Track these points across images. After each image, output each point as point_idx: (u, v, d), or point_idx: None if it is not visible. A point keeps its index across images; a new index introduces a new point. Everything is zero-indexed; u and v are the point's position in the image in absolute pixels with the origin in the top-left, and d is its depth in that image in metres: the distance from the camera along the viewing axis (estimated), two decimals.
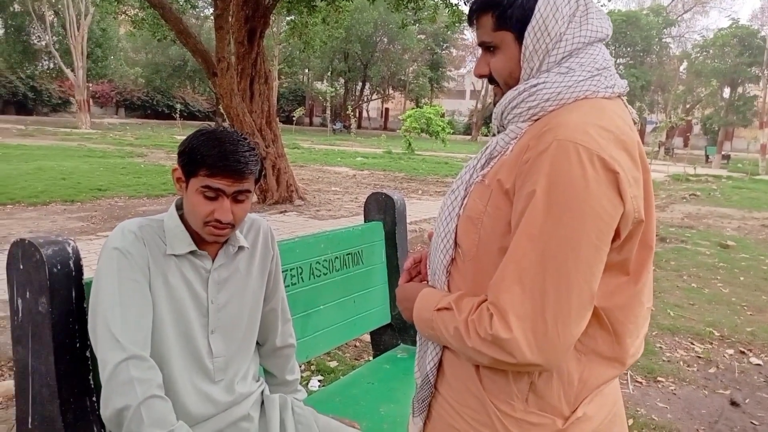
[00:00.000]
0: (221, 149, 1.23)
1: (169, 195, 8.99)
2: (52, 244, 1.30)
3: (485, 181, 0.96)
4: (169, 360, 1.27)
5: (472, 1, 1.01)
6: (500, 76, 1.01)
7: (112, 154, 14.17)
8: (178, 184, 1.30)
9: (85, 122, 25.13)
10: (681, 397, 3.10)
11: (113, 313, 1.19)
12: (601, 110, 0.92)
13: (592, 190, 0.84)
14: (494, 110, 1.05)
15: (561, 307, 0.84)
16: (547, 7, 0.93)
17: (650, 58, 36.85)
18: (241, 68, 8.37)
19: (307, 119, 44.02)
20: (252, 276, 1.44)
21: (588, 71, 0.94)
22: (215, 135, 1.26)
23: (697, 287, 5.28)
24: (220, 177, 1.23)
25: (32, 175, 9.72)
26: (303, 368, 3.08)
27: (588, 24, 0.95)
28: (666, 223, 9.04)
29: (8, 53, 28.39)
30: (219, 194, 1.25)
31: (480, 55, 1.04)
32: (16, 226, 6.26)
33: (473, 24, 1.01)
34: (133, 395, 1.14)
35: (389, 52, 39.18)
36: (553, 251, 0.84)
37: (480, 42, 1.01)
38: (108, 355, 1.17)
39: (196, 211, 1.26)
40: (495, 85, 1.05)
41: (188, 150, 1.26)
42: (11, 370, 2.94)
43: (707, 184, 16.58)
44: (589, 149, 0.84)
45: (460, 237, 0.99)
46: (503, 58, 0.99)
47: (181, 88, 39.58)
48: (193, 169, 1.24)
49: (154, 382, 1.19)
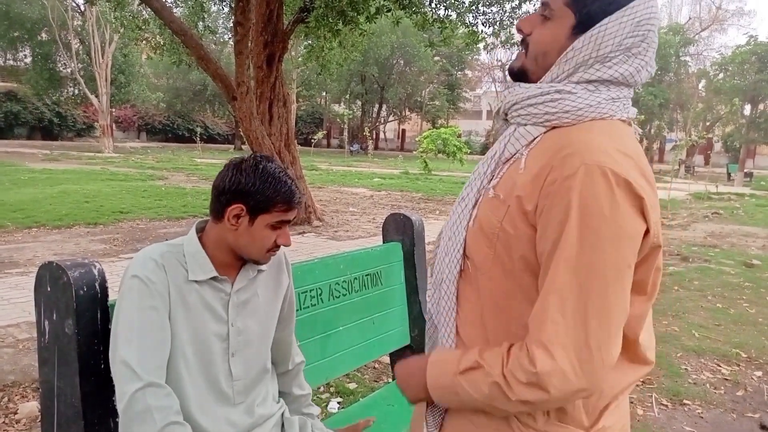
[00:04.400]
0: (289, 186, 1.32)
1: (189, 217, 9.10)
2: (78, 267, 1.32)
3: (500, 195, 0.93)
4: (188, 385, 1.28)
5: None
6: (537, 45, 0.97)
7: (134, 177, 14.43)
8: (234, 220, 1.31)
9: (108, 146, 25.66)
10: (708, 420, 3.02)
11: (129, 342, 1.21)
12: (620, 134, 0.92)
13: (623, 213, 0.84)
14: (502, 97, 1.01)
15: (603, 332, 0.84)
16: (616, 23, 0.90)
17: (668, 76, 36.62)
18: (260, 92, 8.51)
19: (325, 141, 44.40)
20: (269, 299, 1.46)
21: (611, 96, 0.94)
22: (276, 173, 1.31)
23: (723, 307, 5.17)
24: (292, 211, 1.34)
25: (57, 198, 9.92)
26: (322, 390, 3.07)
27: (637, 63, 0.93)
28: (688, 242, 8.90)
29: (35, 80, 29.19)
30: (284, 224, 1.35)
31: (535, 13, 0.99)
32: (41, 248, 6.38)
33: None
34: (152, 423, 1.16)
35: (406, 74, 39.51)
36: (592, 279, 0.84)
37: (544, 1, 0.96)
38: (124, 386, 1.19)
39: (265, 243, 1.34)
40: (523, 49, 1.00)
41: (256, 190, 1.28)
42: (35, 391, 2.98)
43: (730, 202, 16.31)
44: (617, 173, 0.84)
45: (471, 250, 0.97)
46: (551, 33, 0.95)
47: (201, 112, 40.28)
48: (266, 207, 1.30)
49: (172, 408, 1.20)
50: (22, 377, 3.11)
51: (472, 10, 9.64)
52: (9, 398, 2.91)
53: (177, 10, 11.47)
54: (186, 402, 1.27)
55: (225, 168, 1.32)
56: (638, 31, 0.91)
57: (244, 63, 7.85)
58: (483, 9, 9.73)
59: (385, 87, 39.50)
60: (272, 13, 8.35)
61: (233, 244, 1.33)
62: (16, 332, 3.69)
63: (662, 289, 5.76)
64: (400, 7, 9.06)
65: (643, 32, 0.91)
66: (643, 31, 0.91)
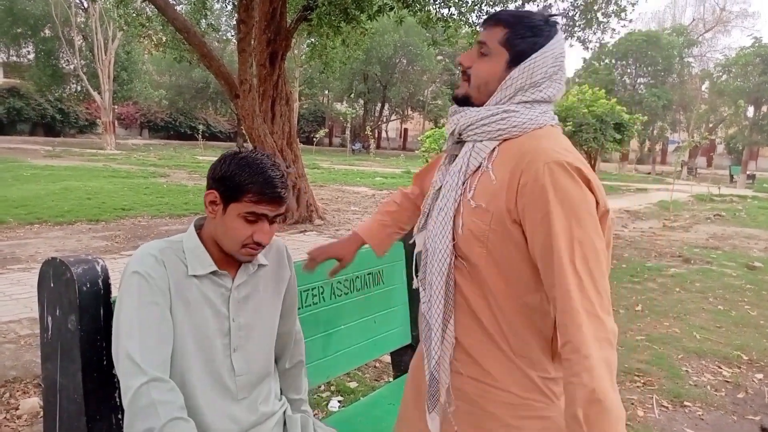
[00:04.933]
0: (266, 176, 1.26)
1: (191, 215, 9.11)
2: (82, 263, 1.33)
3: (482, 205, 1.13)
4: (192, 380, 1.28)
5: (501, 10, 1.22)
6: (478, 78, 1.19)
7: (136, 175, 14.44)
8: (211, 207, 1.32)
9: (110, 143, 25.68)
10: (709, 422, 3.02)
11: (132, 337, 1.21)
12: (557, 136, 1.17)
13: (584, 192, 1.07)
14: (455, 120, 1.20)
15: (606, 303, 1.05)
16: (542, 58, 1.16)
17: (672, 77, 36.55)
18: (263, 90, 8.51)
19: (327, 140, 44.40)
20: (270, 294, 1.46)
21: (542, 110, 1.18)
22: (256, 161, 1.28)
23: (724, 309, 5.17)
24: (265, 203, 1.27)
25: (59, 195, 9.93)
26: (323, 388, 3.07)
27: (557, 86, 1.19)
28: (690, 243, 8.89)
29: (38, 77, 29.23)
30: (260, 218, 1.29)
31: (473, 48, 1.22)
32: (43, 245, 6.39)
33: (488, 23, 1.19)
34: (156, 418, 1.15)
35: (408, 73, 39.49)
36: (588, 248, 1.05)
37: (482, 41, 1.19)
38: (129, 381, 1.18)
39: (236, 235, 1.29)
40: (463, 79, 1.21)
41: (229, 176, 1.27)
42: (36, 387, 2.99)
43: (732, 204, 16.28)
44: (570, 164, 1.07)
45: (466, 251, 1.16)
46: (490, 67, 1.18)
47: (203, 110, 40.28)
48: (236, 195, 1.27)
49: (176, 403, 1.20)
50: (24, 373, 3.11)
51: (474, 9, 9.63)
52: (11, 394, 2.92)
53: (180, 8, 11.46)
54: (190, 397, 1.27)
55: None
56: (557, 62, 1.17)
57: (247, 61, 7.85)
58: (486, 9, 9.71)
59: (388, 86, 39.49)
60: (275, 11, 8.35)
61: (214, 235, 1.33)
62: (18, 328, 3.70)
63: (663, 290, 5.76)
64: (404, 5, 9.05)
65: (560, 63, 1.17)
66: (560, 62, 1.17)
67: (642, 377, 3.54)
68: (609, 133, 16.18)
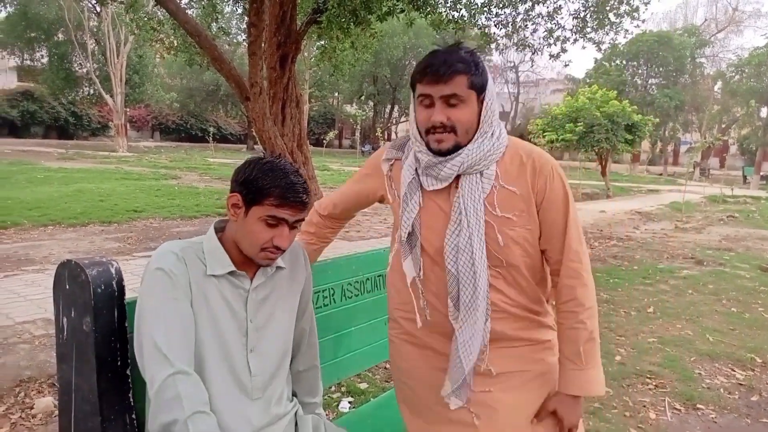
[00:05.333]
0: (288, 181, 1.29)
1: (202, 217, 9.17)
2: (96, 265, 1.34)
3: (513, 215, 1.38)
4: (209, 377, 1.30)
5: (452, 61, 1.31)
6: (463, 125, 1.35)
7: (148, 177, 14.55)
8: (233, 210, 1.34)
9: (122, 146, 25.90)
10: (722, 425, 2.99)
11: (158, 330, 1.23)
12: (521, 139, 1.48)
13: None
14: (459, 162, 1.36)
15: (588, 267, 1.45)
16: (492, 90, 1.38)
17: (684, 78, 36.25)
18: (273, 92, 8.55)
19: (337, 141, 44.49)
20: (287, 296, 1.48)
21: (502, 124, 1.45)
22: (279, 166, 1.31)
23: (737, 311, 5.12)
24: (286, 208, 1.30)
25: (72, 197, 10.04)
26: (333, 389, 3.08)
27: (499, 105, 1.45)
28: (703, 245, 8.81)
29: (52, 80, 29.54)
30: (280, 222, 1.31)
31: (438, 106, 1.33)
32: (57, 246, 6.46)
33: (446, 78, 1.31)
34: (180, 410, 1.17)
35: None
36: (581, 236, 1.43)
37: (450, 94, 1.32)
38: (155, 371, 1.21)
39: (256, 238, 1.32)
40: (445, 132, 1.34)
41: (252, 179, 1.30)
42: (50, 387, 3.02)
43: (746, 205, 16.12)
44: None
45: (511, 258, 1.39)
46: (469, 111, 1.35)
47: (214, 112, 40.54)
48: (258, 198, 1.30)
49: (201, 398, 1.22)
50: (38, 373, 3.15)
51: (484, 11, 9.62)
52: (25, 393, 2.96)
53: (191, 11, 11.55)
54: (209, 393, 1.28)
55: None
56: (495, 89, 1.41)
57: (258, 64, 7.89)
58: (496, 11, 9.70)
59: (398, 88, 39.49)
60: (285, 14, 8.39)
61: (234, 237, 1.35)
62: (33, 328, 3.74)
63: (676, 292, 5.71)
64: (415, 7, 9.06)
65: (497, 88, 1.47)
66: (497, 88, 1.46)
67: (654, 379, 3.51)
68: (620, 134, 16.10)
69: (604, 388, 1.41)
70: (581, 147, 16.61)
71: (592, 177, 21.35)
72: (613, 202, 15.17)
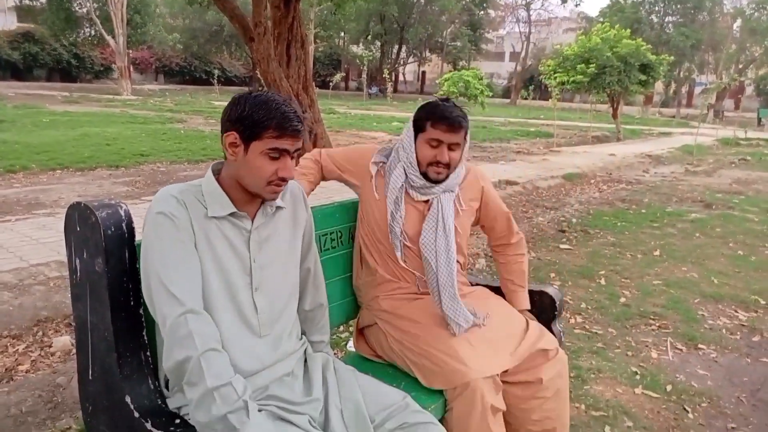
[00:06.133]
0: (282, 111, 1.29)
1: (209, 160, 9.15)
2: (105, 207, 1.35)
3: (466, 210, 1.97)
4: (216, 317, 1.32)
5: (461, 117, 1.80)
6: (456, 161, 1.86)
7: (153, 120, 14.45)
8: (231, 149, 1.33)
9: (126, 89, 25.61)
10: (722, 364, 3.05)
11: (166, 271, 1.25)
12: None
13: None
14: (446, 186, 1.88)
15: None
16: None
17: (702, 15, 34.97)
18: (278, 33, 8.33)
19: (343, 84, 43.76)
20: (289, 235, 1.49)
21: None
22: (270, 99, 1.30)
23: (744, 254, 5.13)
24: (286, 138, 1.30)
25: (78, 141, 10.01)
26: (342, 329, 3.16)
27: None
28: (713, 189, 8.75)
29: (52, 20, 28.92)
30: (282, 154, 1.31)
31: (444, 150, 1.81)
32: (66, 190, 6.50)
33: (457, 130, 1.80)
34: (193, 347, 1.20)
35: (426, 13, 38.34)
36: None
37: (456, 142, 1.82)
38: (166, 310, 1.23)
39: (261, 173, 1.32)
40: (443, 167, 1.83)
41: (247, 115, 1.29)
42: (67, 326, 3.11)
43: (758, 148, 15.89)
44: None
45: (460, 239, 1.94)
46: (461, 154, 1.87)
47: (218, 54, 39.80)
48: (257, 132, 1.29)
49: (213, 335, 1.25)
50: (55, 313, 3.24)
51: None
52: (43, 332, 3.05)
53: None
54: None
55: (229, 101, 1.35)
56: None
57: (262, 2, 7.66)
58: None
59: (405, 27, 38.45)
60: None
61: (236, 177, 1.35)
62: (47, 270, 3.82)
63: (683, 236, 5.72)
64: None
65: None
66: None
67: (657, 320, 3.57)
68: (634, 75, 15.68)
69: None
70: (593, 89, 16.23)
71: (603, 119, 21.00)
72: (624, 145, 14.97)
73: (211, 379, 1.19)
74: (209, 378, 1.19)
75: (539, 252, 4.98)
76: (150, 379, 1.39)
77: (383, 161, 1.93)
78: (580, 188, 8.52)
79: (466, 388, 1.61)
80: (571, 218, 6.34)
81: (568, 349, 3.04)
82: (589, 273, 4.41)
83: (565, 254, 4.94)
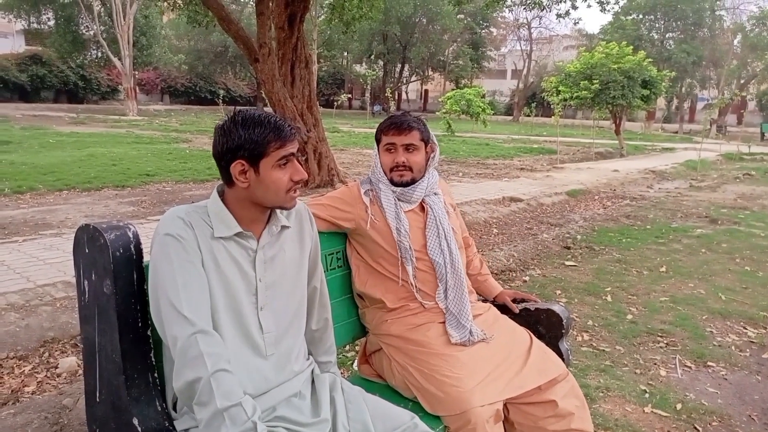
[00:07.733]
0: (272, 121, 1.32)
1: (214, 180, 9.20)
2: (114, 229, 1.36)
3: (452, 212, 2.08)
4: (223, 337, 1.32)
5: (409, 120, 1.92)
6: (418, 165, 1.93)
7: (159, 140, 14.57)
8: (242, 177, 1.34)
9: (132, 109, 25.86)
10: (732, 382, 3.02)
11: (175, 292, 1.25)
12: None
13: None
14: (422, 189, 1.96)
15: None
16: (433, 138, 2.01)
17: (702, 31, 35.17)
18: (282, 53, 8.43)
19: (347, 102, 44.07)
20: (295, 254, 1.50)
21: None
22: (254, 115, 1.34)
23: (751, 270, 5.10)
24: (288, 143, 1.34)
25: (85, 161, 10.10)
26: (348, 349, 3.14)
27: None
28: (718, 204, 8.73)
29: (59, 43, 29.33)
30: (290, 159, 1.35)
31: (400, 151, 1.92)
32: (72, 211, 6.54)
33: (406, 131, 1.91)
34: (203, 368, 1.20)
35: (429, 32, 38.69)
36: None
37: (409, 143, 1.91)
38: (176, 331, 1.23)
39: (279, 185, 1.35)
40: (405, 169, 1.92)
41: (246, 139, 1.31)
42: (73, 347, 3.11)
43: (763, 163, 15.87)
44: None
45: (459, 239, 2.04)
46: (421, 157, 1.95)
47: (223, 74, 40.19)
48: (262, 150, 1.31)
49: (223, 356, 1.25)
50: (61, 334, 3.24)
51: None
52: (50, 353, 3.05)
53: None
54: None
55: (214, 135, 1.37)
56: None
57: (266, 24, 7.77)
58: None
59: (408, 46, 38.82)
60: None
61: (254, 199, 1.37)
62: (53, 291, 3.82)
63: (689, 252, 5.70)
64: None
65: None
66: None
67: (665, 338, 3.54)
68: (636, 90, 15.74)
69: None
70: (596, 105, 16.29)
71: (606, 136, 21.05)
72: (627, 161, 14.98)
73: (221, 399, 1.18)
74: (219, 398, 1.18)
75: (545, 269, 4.96)
76: (157, 401, 1.39)
77: (370, 187, 1.99)
78: (585, 205, 8.52)
79: (467, 419, 1.61)
80: (576, 235, 6.33)
81: (576, 367, 3.02)
82: (596, 290, 4.39)
83: (570, 271, 4.93)
